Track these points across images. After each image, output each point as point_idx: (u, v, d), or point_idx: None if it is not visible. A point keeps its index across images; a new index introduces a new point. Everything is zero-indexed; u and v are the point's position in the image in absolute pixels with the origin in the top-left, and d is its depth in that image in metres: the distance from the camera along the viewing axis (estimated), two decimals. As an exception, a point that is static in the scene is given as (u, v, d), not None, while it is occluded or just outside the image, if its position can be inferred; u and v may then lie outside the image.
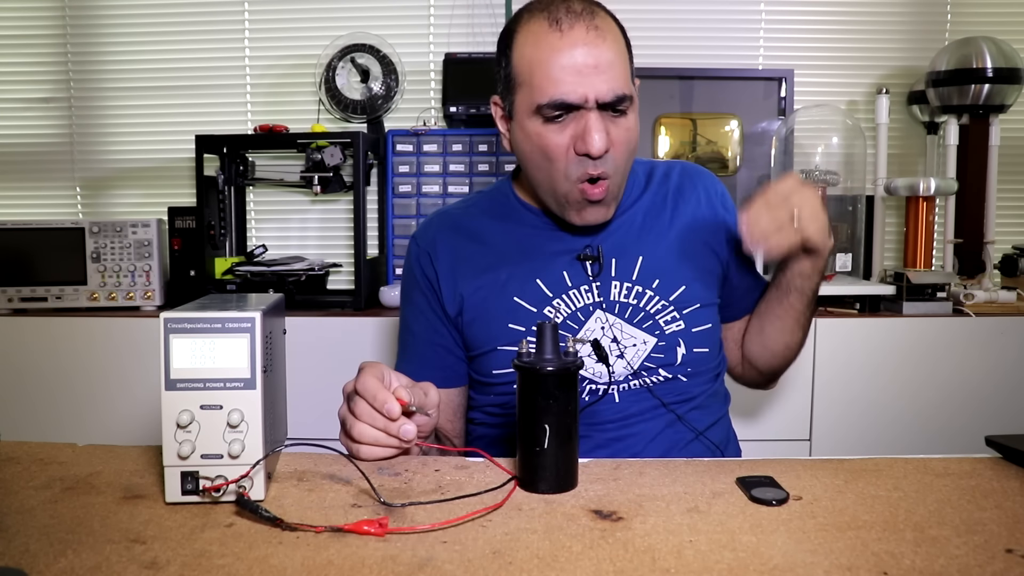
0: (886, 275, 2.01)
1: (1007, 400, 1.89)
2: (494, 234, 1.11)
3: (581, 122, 0.95)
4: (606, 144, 0.95)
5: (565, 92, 0.93)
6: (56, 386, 1.95)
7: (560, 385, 0.76)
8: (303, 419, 1.87)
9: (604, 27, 0.95)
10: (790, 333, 1.13)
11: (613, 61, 0.94)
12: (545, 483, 0.76)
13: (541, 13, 0.96)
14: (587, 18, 0.94)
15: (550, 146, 0.97)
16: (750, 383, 1.27)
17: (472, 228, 1.12)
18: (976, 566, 0.58)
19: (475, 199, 1.18)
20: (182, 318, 0.71)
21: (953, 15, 2.35)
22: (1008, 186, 2.35)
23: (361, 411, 0.84)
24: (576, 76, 0.93)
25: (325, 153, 2.15)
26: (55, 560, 0.60)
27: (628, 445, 1.05)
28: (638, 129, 1.01)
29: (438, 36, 2.36)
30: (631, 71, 1.00)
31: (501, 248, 1.09)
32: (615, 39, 0.96)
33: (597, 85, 0.93)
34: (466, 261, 1.10)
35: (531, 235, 1.09)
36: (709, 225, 1.12)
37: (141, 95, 2.41)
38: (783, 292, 1.10)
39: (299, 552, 0.62)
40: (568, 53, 0.93)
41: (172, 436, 0.70)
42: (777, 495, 0.72)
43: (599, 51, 0.93)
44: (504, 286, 1.07)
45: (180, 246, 2.14)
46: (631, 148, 1.00)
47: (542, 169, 1.00)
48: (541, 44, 0.95)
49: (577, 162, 0.97)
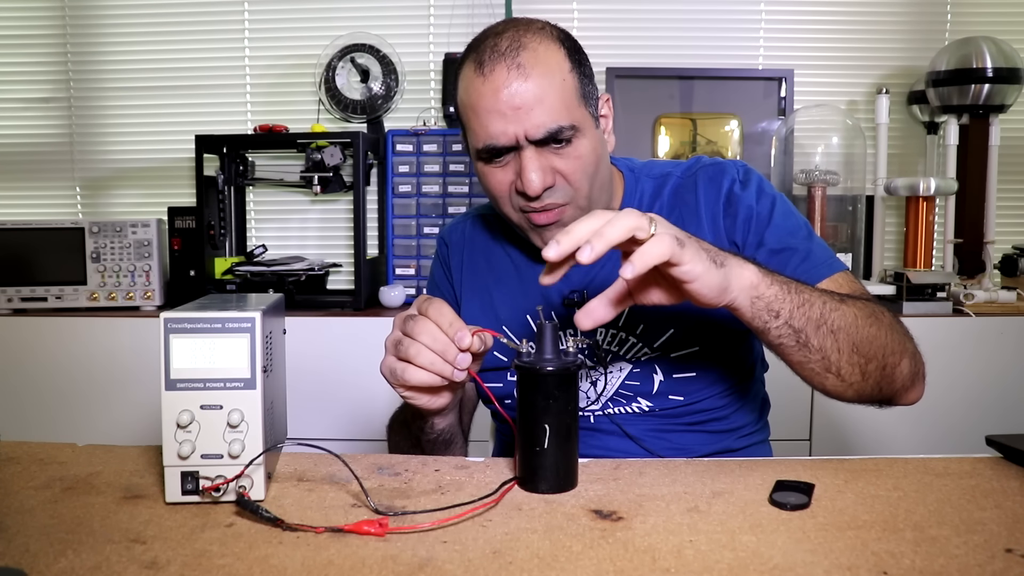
0: (886, 275, 2.01)
1: (1007, 400, 1.89)
2: (500, 259, 1.11)
3: (518, 161, 0.93)
4: (543, 182, 0.91)
5: (494, 136, 0.91)
6: (56, 386, 1.95)
7: (560, 385, 0.76)
8: (303, 419, 1.88)
9: (530, 62, 0.90)
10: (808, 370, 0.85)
11: (541, 96, 0.89)
12: (545, 483, 0.76)
13: (472, 55, 0.94)
14: (510, 56, 0.90)
15: (494, 185, 0.96)
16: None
17: (486, 245, 1.13)
18: (976, 566, 0.58)
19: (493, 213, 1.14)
20: (182, 318, 0.71)
21: (953, 15, 2.35)
22: (1008, 186, 2.35)
23: (422, 330, 0.80)
24: (501, 119, 0.90)
25: (325, 153, 2.15)
26: (55, 560, 0.60)
27: None
28: (597, 152, 0.95)
29: (438, 36, 2.36)
30: (581, 93, 0.94)
31: (501, 274, 1.10)
32: (544, 72, 0.90)
33: (525, 124, 0.90)
34: (470, 271, 1.12)
35: (529, 267, 1.07)
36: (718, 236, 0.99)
37: (141, 95, 2.41)
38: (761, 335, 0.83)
39: (299, 552, 0.62)
40: (491, 98, 0.90)
41: (172, 436, 0.70)
42: (797, 500, 0.71)
43: (523, 89, 0.89)
44: (497, 312, 1.08)
45: (180, 246, 2.14)
46: (590, 174, 0.95)
47: (497, 205, 0.99)
48: (470, 90, 0.93)
49: (519, 197, 0.95)
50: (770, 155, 2.21)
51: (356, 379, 1.90)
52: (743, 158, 2.23)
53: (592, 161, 0.95)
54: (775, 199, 1.01)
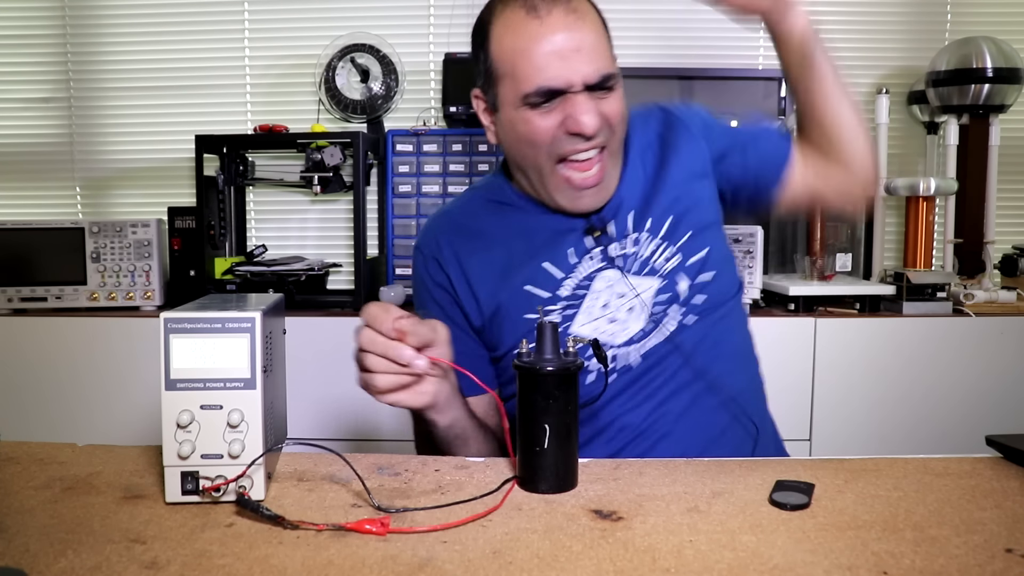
0: (886, 275, 2.01)
1: (1007, 400, 1.89)
2: (495, 227, 1.10)
3: (568, 106, 0.96)
4: (598, 123, 0.96)
5: (550, 78, 0.94)
6: (56, 386, 1.95)
7: (560, 385, 0.76)
8: (303, 419, 1.88)
9: (582, 9, 0.96)
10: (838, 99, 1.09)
11: (595, 42, 0.96)
12: (545, 483, 0.76)
13: (516, 2, 0.97)
14: (564, 2, 0.95)
15: (538, 131, 0.97)
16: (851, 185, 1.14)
17: (473, 226, 1.12)
18: (976, 566, 0.58)
19: (469, 196, 1.17)
20: (182, 318, 0.71)
21: (953, 15, 2.35)
22: (1008, 186, 2.35)
23: (364, 339, 0.83)
24: (560, 61, 0.94)
25: (325, 153, 2.15)
26: (55, 560, 0.60)
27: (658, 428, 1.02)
28: (625, 102, 1.03)
29: (438, 36, 2.36)
30: (612, 49, 1.01)
31: (504, 240, 1.09)
32: (594, 20, 0.98)
33: (582, 68, 0.94)
34: (474, 260, 1.09)
35: (531, 220, 1.09)
36: (690, 157, 1.11)
37: (141, 95, 2.41)
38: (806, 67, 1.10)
39: (299, 552, 0.62)
40: (549, 39, 0.94)
41: (172, 436, 0.70)
42: (797, 500, 0.71)
43: (580, 34, 0.94)
44: (513, 277, 1.06)
45: (180, 246, 2.14)
46: (623, 120, 1.02)
47: (528, 157, 1.01)
48: (520, 33, 0.95)
49: (566, 140, 0.97)
50: (770, 155, 2.20)
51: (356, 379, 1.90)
52: (743, 158, 2.24)
53: (625, 109, 1.02)
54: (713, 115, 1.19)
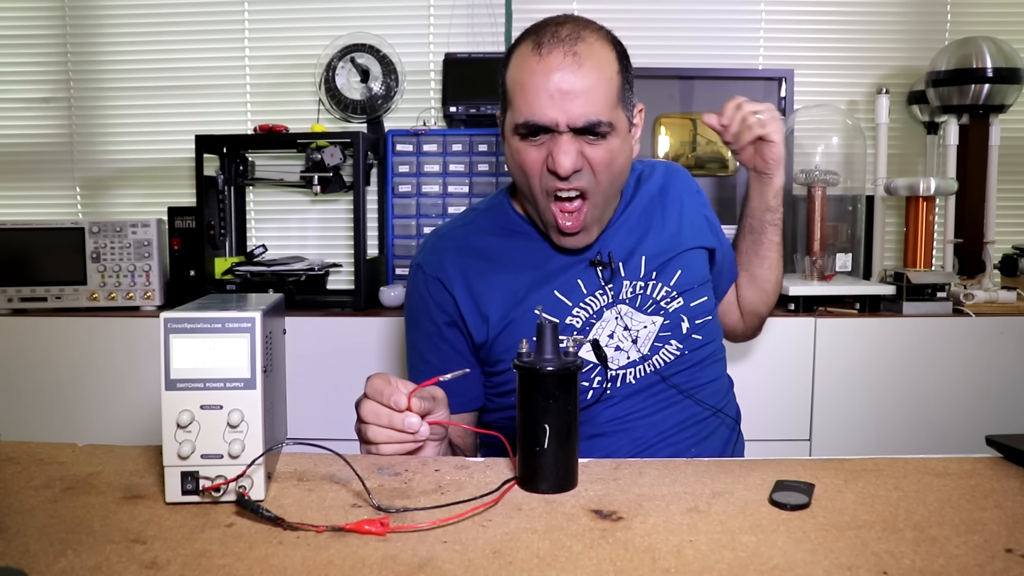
0: (886, 275, 2.01)
1: (1007, 400, 1.89)
2: (503, 252, 1.12)
3: (552, 143, 0.99)
4: (574, 165, 0.98)
5: (537, 114, 0.97)
6: (56, 386, 1.95)
7: (560, 385, 0.76)
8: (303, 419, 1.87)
9: (586, 53, 0.97)
10: (776, 267, 1.27)
11: (590, 87, 0.97)
12: (545, 483, 0.76)
13: (531, 36, 1.00)
14: (569, 44, 0.97)
15: (526, 161, 1.01)
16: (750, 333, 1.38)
17: (479, 247, 1.13)
18: (976, 566, 0.58)
19: (472, 217, 1.19)
20: (182, 318, 0.71)
21: (953, 15, 2.35)
22: (1008, 186, 2.35)
23: (367, 411, 0.86)
24: (548, 100, 0.96)
25: (325, 153, 2.15)
26: (55, 560, 0.60)
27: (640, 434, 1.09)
28: (625, 155, 1.04)
29: (438, 36, 2.36)
30: (621, 96, 1.02)
31: (513, 264, 1.11)
32: (596, 65, 0.98)
33: (569, 110, 0.96)
34: (482, 282, 1.10)
35: (539, 248, 1.12)
36: (693, 217, 1.20)
37: (141, 95, 2.41)
38: (759, 234, 1.24)
39: (299, 552, 0.62)
40: (544, 77, 0.96)
41: (172, 436, 0.70)
42: (797, 500, 0.71)
43: (574, 77, 0.96)
44: (525, 299, 1.08)
45: (180, 246, 2.14)
46: (613, 172, 1.03)
47: (523, 184, 1.05)
48: (523, 67, 0.99)
49: (549, 176, 1.01)
50: (770, 155, 2.20)
51: (356, 379, 1.89)
52: (743, 158, 2.24)
53: (619, 162, 1.03)
54: None
